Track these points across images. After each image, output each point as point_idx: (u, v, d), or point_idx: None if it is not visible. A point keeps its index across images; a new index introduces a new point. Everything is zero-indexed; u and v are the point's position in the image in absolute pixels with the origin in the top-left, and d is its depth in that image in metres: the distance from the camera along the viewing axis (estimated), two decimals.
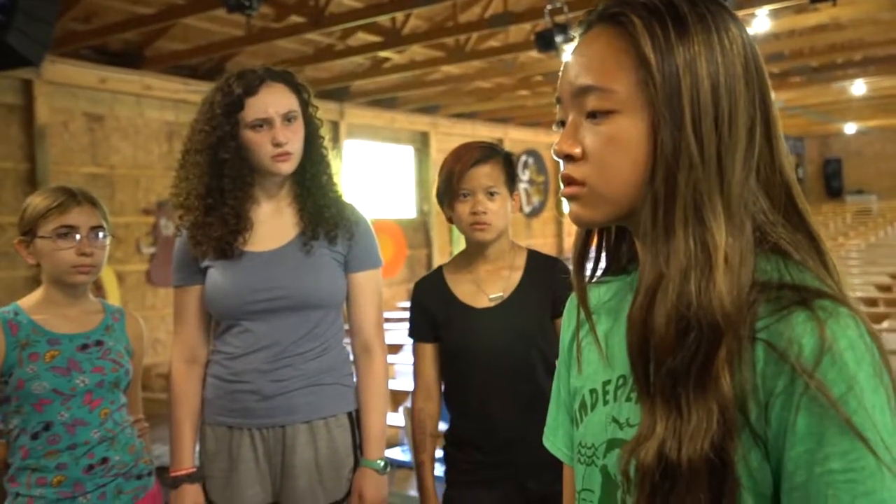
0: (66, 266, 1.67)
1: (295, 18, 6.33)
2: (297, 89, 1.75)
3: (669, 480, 0.67)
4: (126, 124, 6.97)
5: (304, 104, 1.77)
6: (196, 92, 7.32)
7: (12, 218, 6.12)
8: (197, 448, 1.79)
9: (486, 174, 1.73)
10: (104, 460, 1.70)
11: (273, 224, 1.76)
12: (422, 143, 10.78)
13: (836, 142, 20.32)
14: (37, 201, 1.70)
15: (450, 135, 10.64)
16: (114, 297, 6.55)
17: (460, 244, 1.85)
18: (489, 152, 1.76)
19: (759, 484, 0.65)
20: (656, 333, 0.68)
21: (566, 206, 0.77)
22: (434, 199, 1.85)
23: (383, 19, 6.60)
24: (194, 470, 1.74)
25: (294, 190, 1.78)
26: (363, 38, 7.27)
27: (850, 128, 17.83)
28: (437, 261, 10.11)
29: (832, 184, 20.50)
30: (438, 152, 10.30)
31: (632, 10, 0.71)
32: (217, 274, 1.72)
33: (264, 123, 1.68)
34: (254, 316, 1.70)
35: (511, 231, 1.82)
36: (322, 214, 1.74)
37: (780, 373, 0.64)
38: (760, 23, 6.50)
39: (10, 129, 6.11)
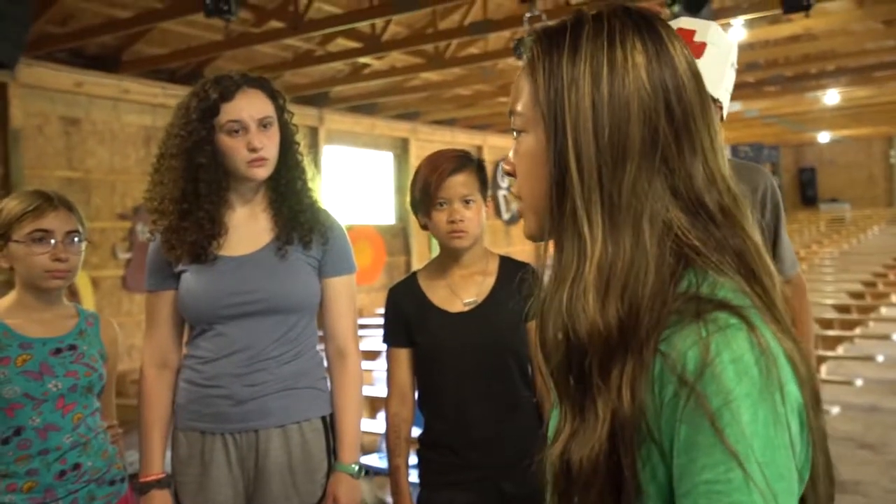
0: (41, 271, 1.66)
1: (274, 24, 6.32)
2: (272, 95, 1.76)
3: (570, 482, 0.70)
4: (102, 128, 6.90)
5: (280, 110, 1.77)
6: (174, 96, 7.27)
7: None
8: (168, 454, 1.78)
9: (461, 183, 1.76)
10: (76, 466, 1.68)
11: (247, 229, 1.77)
12: (401, 149, 10.79)
13: (811, 151, 20.63)
14: (11, 205, 1.68)
15: (430, 141, 10.67)
16: (88, 303, 6.48)
17: (438, 251, 1.86)
18: (464, 161, 1.80)
19: (665, 492, 0.67)
20: (545, 341, 0.74)
21: None
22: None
23: (363, 25, 6.61)
24: (164, 476, 1.73)
25: (269, 196, 1.79)
26: (343, 43, 7.27)
27: (823, 137, 18.10)
28: (416, 267, 10.10)
29: (807, 192, 20.80)
30: (418, 159, 10.25)
31: (538, 37, 0.77)
32: (191, 278, 1.72)
33: (240, 129, 1.69)
34: (228, 320, 1.70)
35: (485, 237, 1.85)
36: (297, 220, 1.75)
37: (669, 383, 0.66)
38: (736, 32, 6.59)
39: None
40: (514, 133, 0.80)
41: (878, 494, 3.87)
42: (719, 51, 1.89)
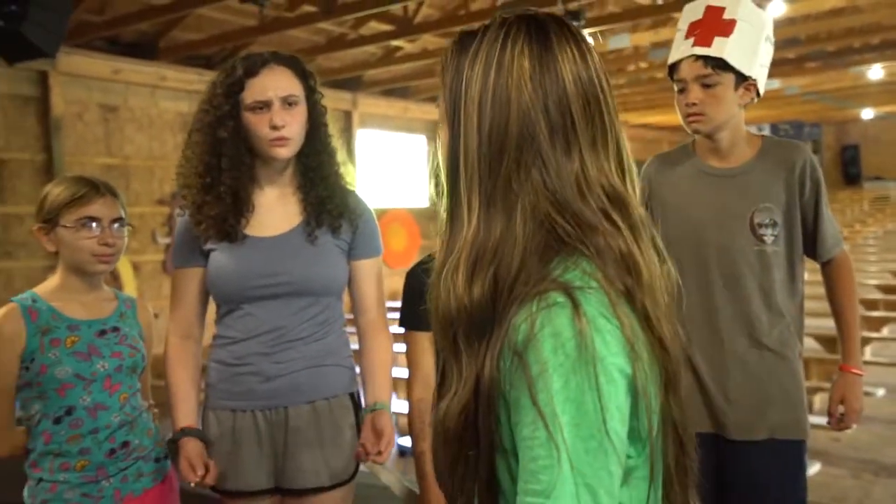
0: (88, 255, 1.70)
1: (307, 8, 6.33)
2: (302, 74, 1.75)
3: (445, 437, 0.82)
4: (140, 115, 7.01)
5: (310, 90, 1.76)
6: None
7: (30, 208, 6.15)
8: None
9: None
10: (125, 444, 1.72)
11: (278, 210, 1.77)
12: (434, 132, 10.75)
13: (854, 128, 20.10)
14: (57, 191, 1.71)
15: None
16: (130, 287, 6.61)
17: None
18: None
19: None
20: (433, 311, 0.84)
21: None
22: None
23: (395, 8, 6.59)
24: (196, 427, 1.75)
25: (297, 178, 1.79)
26: (375, 27, 7.26)
27: (867, 113, 17.62)
28: None
29: (850, 170, 20.29)
30: None
31: (455, 40, 0.87)
32: (220, 257, 1.73)
33: (263, 105, 1.69)
34: (255, 300, 1.72)
35: None
36: (325, 205, 1.75)
37: (509, 353, 0.76)
38: (776, 7, 6.43)
39: (27, 121, 6.16)
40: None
41: None
42: (751, 27, 1.84)
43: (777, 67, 8.57)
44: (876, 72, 10.90)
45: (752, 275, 1.85)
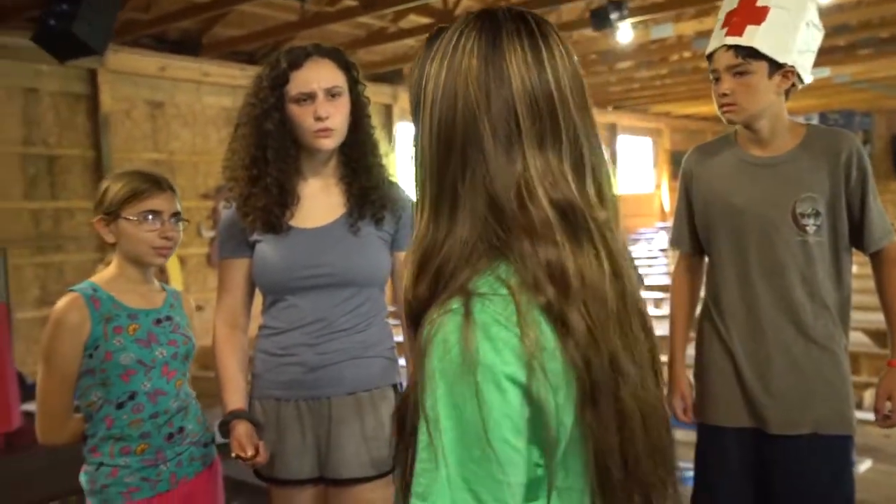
0: (147, 247, 1.76)
1: (347, 2, 6.37)
2: (345, 66, 1.77)
3: (396, 420, 0.85)
4: (185, 111, 7.13)
5: (353, 82, 1.78)
6: (252, 77, 7.43)
7: (81, 203, 6.37)
8: None
9: None
10: (181, 429, 1.79)
11: (320, 201, 1.80)
12: None
13: None
14: (120, 184, 1.77)
15: None
16: (176, 280, 6.74)
17: None
18: None
19: None
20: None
21: None
22: None
23: (435, 1, 6.59)
24: (245, 410, 1.78)
25: (341, 170, 1.81)
26: (415, 20, 7.26)
27: None
28: None
29: None
30: None
31: (427, 38, 0.86)
32: (266, 248, 1.76)
33: (307, 97, 1.71)
34: (300, 291, 1.74)
35: None
36: (368, 197, 1.77)
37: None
38: None
39: (77, 118, 6.31)
40: None
41: None
42: (786, 13, 1.80)
43: (827, 55, 8.33)
44: None
45: (794, 265, 1.82)
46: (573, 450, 0.77)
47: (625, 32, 6.27)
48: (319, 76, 1.72)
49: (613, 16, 5.51)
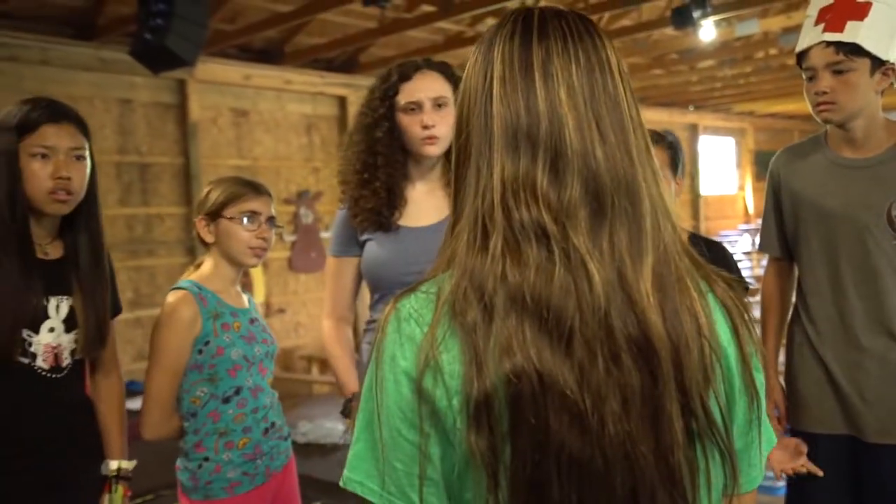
0: (244, 247, 1.85)
1: (425, 8, 6.42)
2: (451, 78, 1.88)
3: None
4: (268, 118, 7.33)
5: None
6: (331, 84, 7.60)
7: (171, 209, 6.63)
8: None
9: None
10: (273, 424, 1.87)
11: (427, 203, 1.90)
12: None
13: None
14: (223, 187, 1.88)
15: None
16: (259, 283, 6.94)
17: None
18: (655, 138, 1.77)
19: None
20: None
21: None
22: None
23: (512, 4, 6.57)
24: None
25: (447, 175, 1.91)
26: (492, 24, 7.26)
27: None
28: None
29: None
30: None
31: None
32: (376, 246, 1.87)
33: (415, 107, 1.82)
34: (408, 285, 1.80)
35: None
36: None
37: None
38: None
39: (167, 126, 6.58)
40: None
41: None
42: (889, 8, 1.72)
43: None
44: None
45: (889, 270, 1.74)
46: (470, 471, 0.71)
47: (708, 30, 6.11)
48: (427, 87, 1.83)
49: (696, 13, 5.36)
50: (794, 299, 2.00)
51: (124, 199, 6.28)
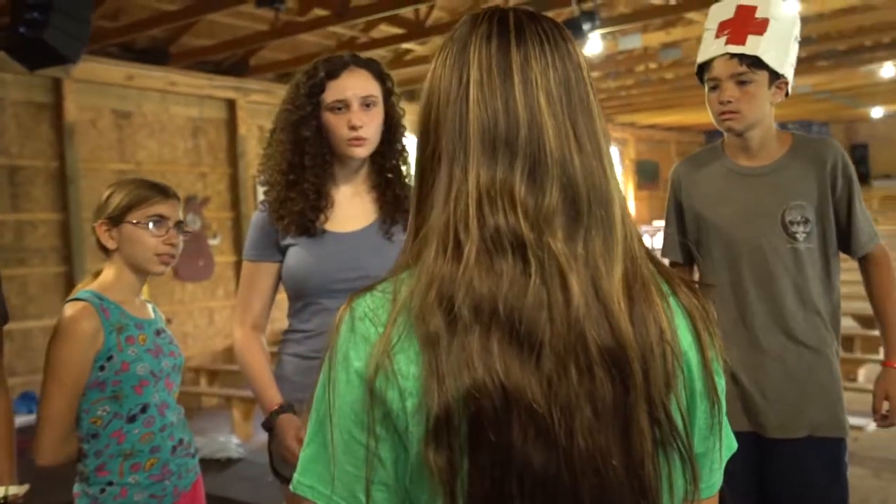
0: (151, 254, 1.72)
1: (318, 12, 6.33)
2: (380, 77, 1.82)
3: None
4: (152, 120, 7.02)
5: (388, 93, 1.83)
6: (220, 87, 7.37)
7: (45, 215, 6.22)
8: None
9: None
10: (181, 441, 1.76)
11: (352, 207, 1.83)
12: None
13: (863, 127, 20.00)
14: (126, 190, 1.74)
15: None
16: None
17: None
18: None
19: None
20: None
21: None
22: None
23: (406, 11, 6.58)
24: (284, 403, 1.77)
25: (373, 177, 1.85)
26: (386, 30, 7.25)
27: (877, 112, 17.55)
28: None
29: (859, 170, 20.01)
30: None
31: None
32: (301, 252, 1.77)
33: (343, 106, 1.75)
34: (334, 294, 1.75)
35: None
36: (402, 204, 1.80)
37: None
38: (790, 6, 6.40)
39: (40, 128, 6.17)
40: None
41: None
42: (783, 25, 1.85)
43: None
44: (888, 70, 10.84)
45: (785, 273, 1.85)
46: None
47: (594, 43, 6.33)
48: (355, 85, 1.76)
49: (586, 26, 5.54)
50: None
51: None
